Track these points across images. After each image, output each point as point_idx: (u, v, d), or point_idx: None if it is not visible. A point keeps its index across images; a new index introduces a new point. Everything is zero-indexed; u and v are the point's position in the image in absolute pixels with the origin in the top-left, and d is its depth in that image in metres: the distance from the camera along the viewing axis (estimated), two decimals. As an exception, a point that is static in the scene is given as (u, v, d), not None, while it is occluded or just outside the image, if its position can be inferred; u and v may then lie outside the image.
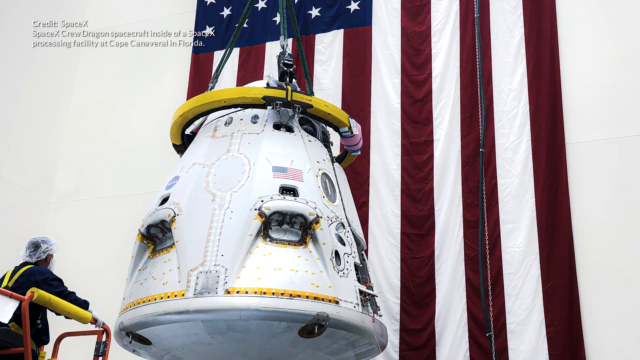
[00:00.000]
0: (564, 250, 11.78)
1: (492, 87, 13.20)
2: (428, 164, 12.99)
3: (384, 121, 13.62)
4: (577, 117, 12.61)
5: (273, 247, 7.61)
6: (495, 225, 12.23)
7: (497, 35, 13.55)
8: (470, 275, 12.09)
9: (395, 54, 14.10)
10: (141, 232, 8.26)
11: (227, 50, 10.66)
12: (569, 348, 11.27)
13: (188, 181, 8.32)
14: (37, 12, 15.79)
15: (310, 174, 8.35)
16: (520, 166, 12.48)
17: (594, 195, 12.06)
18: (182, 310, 7.18)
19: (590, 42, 13.13)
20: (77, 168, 16.01)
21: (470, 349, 11.72)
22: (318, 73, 14.45)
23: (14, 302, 7.81)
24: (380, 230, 12.84)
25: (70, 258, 13.03)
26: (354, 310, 7.65)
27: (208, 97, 9.16)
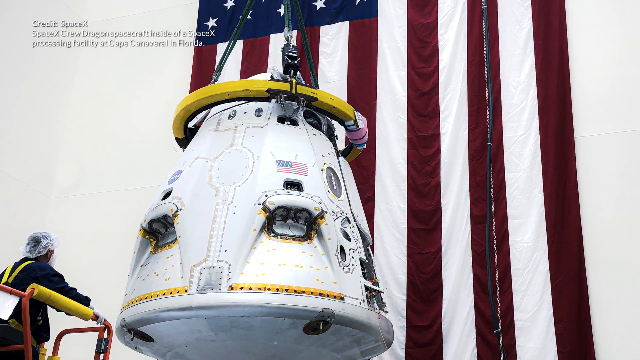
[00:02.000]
0: (573, 246, 11.77)
1: (499, 80, 13.19)
2: (435, 157, 12.98)
3: (390, 114, 13.62)
4: (587, 110, 12.59)
5: (277, 242, 7.59)
6: (503, 220, 12.23)
7: (505, 27, 13.53)
8: (478, 271, 12.09)
9: (401, 46, 14.09)
10: (143, 227, 8.25)
11: (231, 42, 10.61)
12: (578, 345, 11.25)
13: (191, 175, 8.31)
14: (37, 9, 15.78)
15: (315, 168, 8.33)
16: (529, 160, 12.46)
17: (604, 189, 12.05)
18: (185, 307, 7.16)
19: (600, 34, 13.10)
20: (78, 162, 16.01)
21: (477, 346, 11.72)
22: (323, 65, 14.45)
23: (14, 298, 7.79)
24: (386, 225, 12.83)
25: (71, 253, 13.06)
26: (359, 307, 7.62)
27: (211, 90, 9.14)
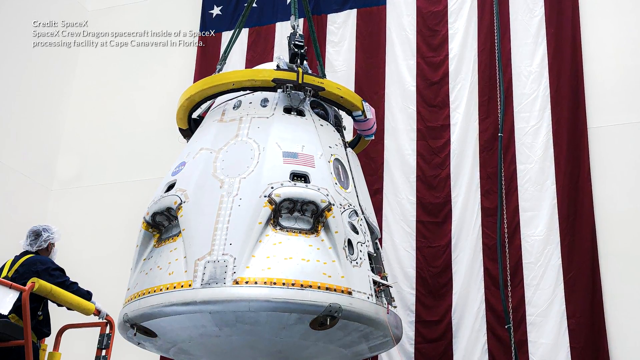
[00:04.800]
0: (586, 239, 11.73)
1: (511, 69, 13.13)
2: (445, 149, 12.94)
3: (399, 105, 13.57)
4: (600, 100, 12.53)
5: (283, 235, 7.59)
6: (514, 213, 12.18)
7: (516, 15, 13.46)
8: (489, 264, 12.05)
9: (410, 34, 14.03)
10: (146, 220, 8.25)
11: (236, 30, 10.61)
12: (591, 340, 11.22)
13: (195, 167, 8.30)
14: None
15: (322, 159, 8.32)
16: (541, 151, 12.42)
17: (618, 181, 12.00)
18: (189, 302, 7.16)
19: (614, 22, 13.03)
20: (80, 153, 15.98)
21: (488, 341, 11.69)
22: (330, 55, 14.40)
23: (14, 292, 7.80)
24: (395, 218, 12.79)
25: (73, 247, 13.03)
26: (367, 302, 7.62)
27: (216, 80, 9.13)
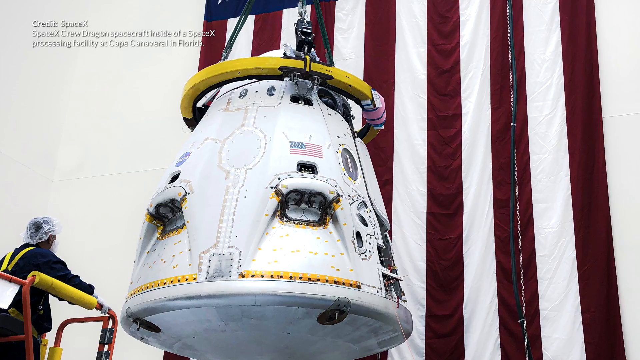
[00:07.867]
0: (601, 231, 11.69)
1: (524, 57, 13.09)
2: (456, 139, 12.90)
3: (409, 93, 13.54)
4: (615, 89, 12.49)
5: (290, 227, 7.57)
6: (527, 205, 12.16)
7: (529, 2, 13.43)
8: (501, 257, 12.02)
9: (420, 21, 13.99)
10: (150, 212, 8.24)
11: (242, 17, 10.58)
12: (606, 335, 11.18)
13: (200, 157, 8.29)
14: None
15: (330, 149, 8.30)
16: (555, 141, 12.38)
17: (633, 172, 11.95)
18: (194, 295, 7.15)
19: (629, 8, 12.99)
20: (82, 143, 16.00)
21: (500, 336, 11.67)
22: (338, 42, 14.38)
23: (14, 286, 7.77)
24: (405, 210, 12.77)
25: (74, 239, 13.05)
26: (376, 295, 7.60)
27: (221, 68, 9.11)
